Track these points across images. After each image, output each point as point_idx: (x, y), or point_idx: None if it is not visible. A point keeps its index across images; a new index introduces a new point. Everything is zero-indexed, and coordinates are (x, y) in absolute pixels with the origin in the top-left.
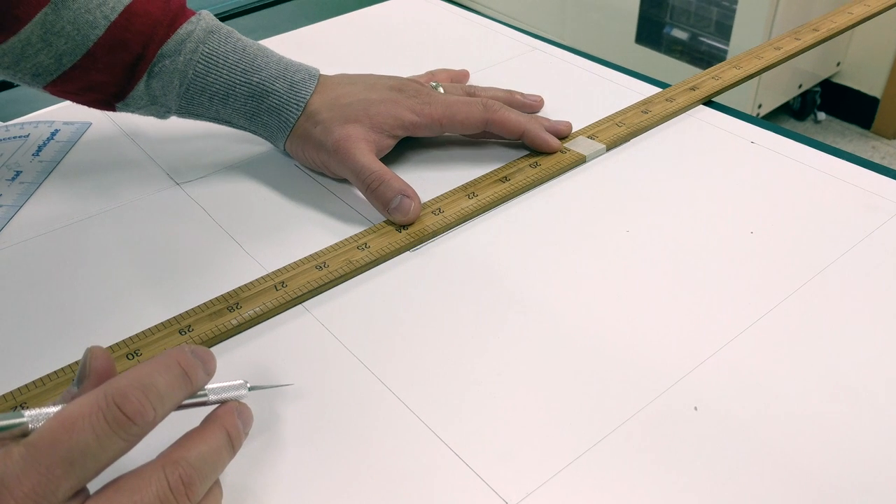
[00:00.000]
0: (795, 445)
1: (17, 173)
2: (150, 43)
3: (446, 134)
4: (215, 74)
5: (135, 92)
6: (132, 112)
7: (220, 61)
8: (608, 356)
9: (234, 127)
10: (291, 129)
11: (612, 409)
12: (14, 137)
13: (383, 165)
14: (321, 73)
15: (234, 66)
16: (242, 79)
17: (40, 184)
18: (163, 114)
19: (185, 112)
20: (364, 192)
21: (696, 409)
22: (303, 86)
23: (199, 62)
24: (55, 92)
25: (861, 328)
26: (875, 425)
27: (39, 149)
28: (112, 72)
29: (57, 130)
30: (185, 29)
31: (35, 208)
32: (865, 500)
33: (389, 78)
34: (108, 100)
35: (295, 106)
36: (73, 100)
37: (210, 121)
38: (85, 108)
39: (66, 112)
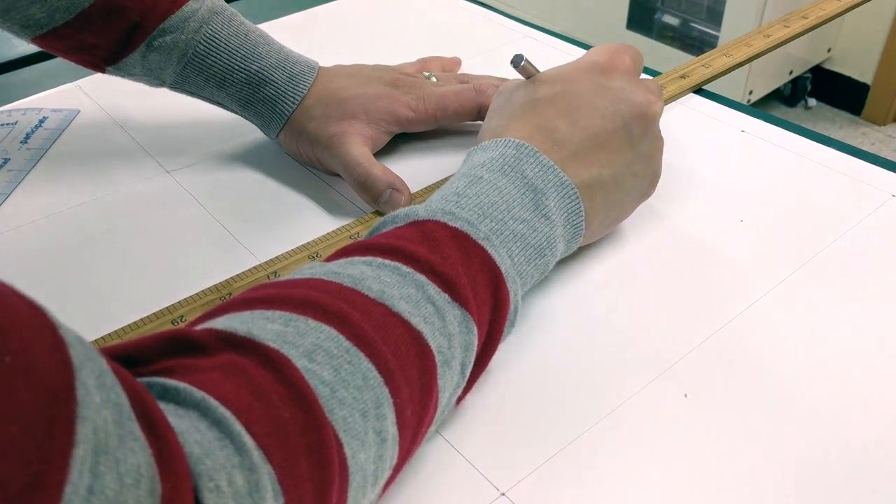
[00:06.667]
0: (786, 432)
1: (5, 161)
2: (151, 14)
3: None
4: (215, 57)
5: (129, 59)
6: (122, 77)
7: (222, 44)
8: (598, 344)
9: (226, 109)
10: (286, 122)
11: (602, 396)
12: (1, 125)
13: (373, 159)
14: (320, 65)
15: (234, 51)
16: (242, 65)
17: (28, 172)
18: (155, 85)
19: (179, 88)
20: (354, 186)
21: (686, 396)
22: (301, 78)
23: (200, 42)
24: (43, 46)
25: (850, 315)
26: (865, 411)
27: (27, 136)
28: (106, 36)
29: (45, 118)
30: (189, 7)
31: (23, 197)
32: (856, 485)
33: (384, 71)
34: (97, 63)
35: (292, 98)
36: (61, 56)
37: (203, 100)
38: (73, 95)
39: (54, 99)
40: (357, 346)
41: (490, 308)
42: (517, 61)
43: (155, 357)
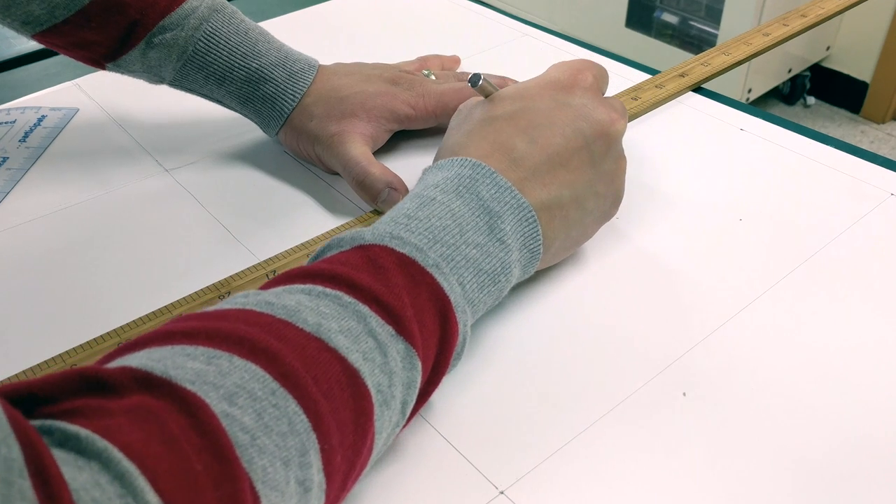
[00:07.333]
0: (783, 430)
1: (4, 160)
2: (150, 11)
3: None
4: (215, 54)
5: (128, 56)
6: (122, 73)
7: (222, 42)
8: (597, 342)
9: (225, 107)
10: (286, 120)
11: (601, 394)
12: (0, 123)
13: (372, 158)
14: (319, 63)
15: (234, 49)
16: (241, 62)
17: (27, 170)
18: (155, 82)
19: (179, 85)
20: (353, 185)
21: (684, 394)
22: (301, 76)
23: (200, 40)
24: (44, 42)
25: (849, 314)
26: (864, 409)
27: (26, 135)
28: (105, 33)
29: (44, 116)
30: (189, 4)
31: (22, 195)
32: (854, 484)
33: (384, 69)
34: (97, 59)
35: (291, 97)
36: (62, 53)
37: (202, 97)
38: (72, 94)
39: (53, 98)
40: (285, 386)
41: (437, 340)
42: (475, 80)
43: (62, 395)
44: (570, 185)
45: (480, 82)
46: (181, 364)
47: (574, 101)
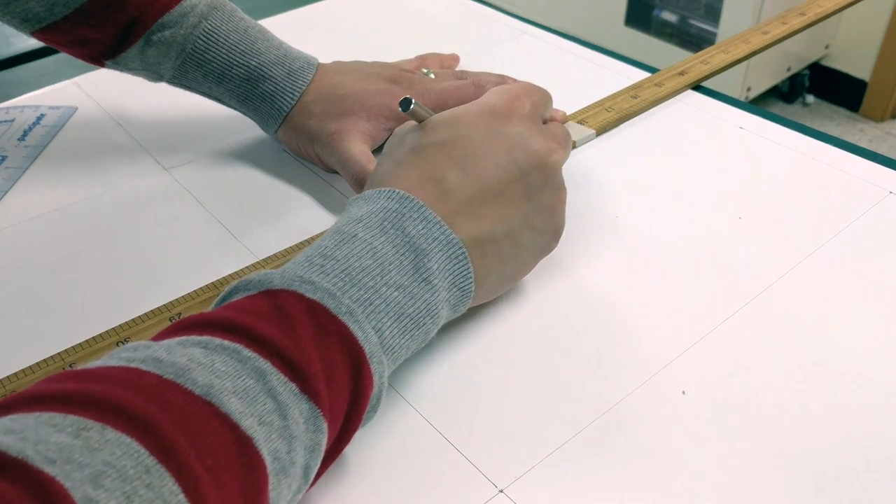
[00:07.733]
0: (782, 429)
1: (3, 158)
2: (149, 9)
3: None
4: (214, 52)
5: (127, 53)
6: (121, 71)
7: (221, 40)
8: (597, 341)
9: (224, 105)
10: (285, 118)
11: (600, 393)
12: None
13: (371, 157)
14: (318, 61)
15: (233, 47)
16: (240, 60)
17: (26, 169)
18: (154, 79)
19: (178, 83)
20: (352, 184)
21: (683, 393)
22: (300, 74)
23: (199, 38)
24: (43, 39)
25: (847, 312)
26: (862, 407)
27: (25, 133)
28: (104, 30)
29: (43, 115)
30: (189, 2)
31: (20, 194)
32: (851, 482)
33: (384, 67)
34: (97, 57)
35: (290, 94)
36: (61, 50)
37: (201, 95)
38: (71, 92)
39: (51, 97)
40: (162, 462)
41: (348, 395)
42: (405, 105)
43: None
44: (504, 219)
45: (412, 107)
46: (44, 438)
47: (510, 130)
